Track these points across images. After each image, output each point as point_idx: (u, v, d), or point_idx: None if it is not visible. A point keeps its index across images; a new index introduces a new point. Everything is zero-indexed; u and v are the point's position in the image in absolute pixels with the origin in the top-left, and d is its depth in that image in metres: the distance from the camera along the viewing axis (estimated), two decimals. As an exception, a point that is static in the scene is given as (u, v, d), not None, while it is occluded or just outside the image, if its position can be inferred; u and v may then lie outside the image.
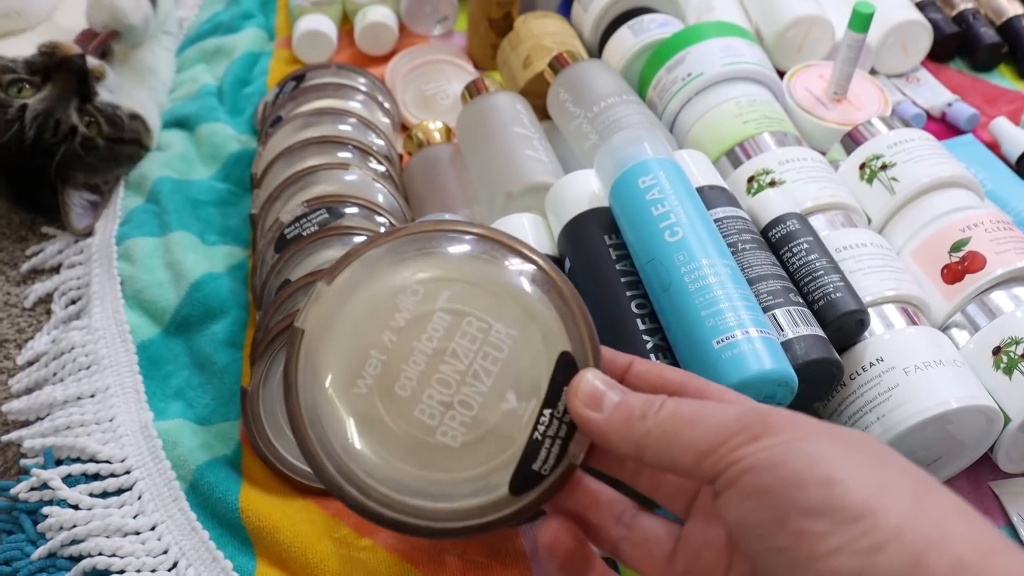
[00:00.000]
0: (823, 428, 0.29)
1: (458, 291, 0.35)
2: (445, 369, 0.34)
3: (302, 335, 0.35)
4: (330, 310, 0.35)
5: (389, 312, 0.35)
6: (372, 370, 0.34)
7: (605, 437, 0.32)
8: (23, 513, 0.55)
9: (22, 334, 0.67)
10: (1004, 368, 0.53)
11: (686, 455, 0.30)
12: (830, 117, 0.75)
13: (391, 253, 0.36)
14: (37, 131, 0.69)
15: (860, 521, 0.26)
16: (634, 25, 0.78)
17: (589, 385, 0.33)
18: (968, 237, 0.58)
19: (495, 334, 0.34)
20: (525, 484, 0.34)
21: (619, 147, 0.54)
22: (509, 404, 0.34)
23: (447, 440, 0.34)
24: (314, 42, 0.89)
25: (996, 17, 0.91)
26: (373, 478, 0.34)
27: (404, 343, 0.34)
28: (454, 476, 0.34)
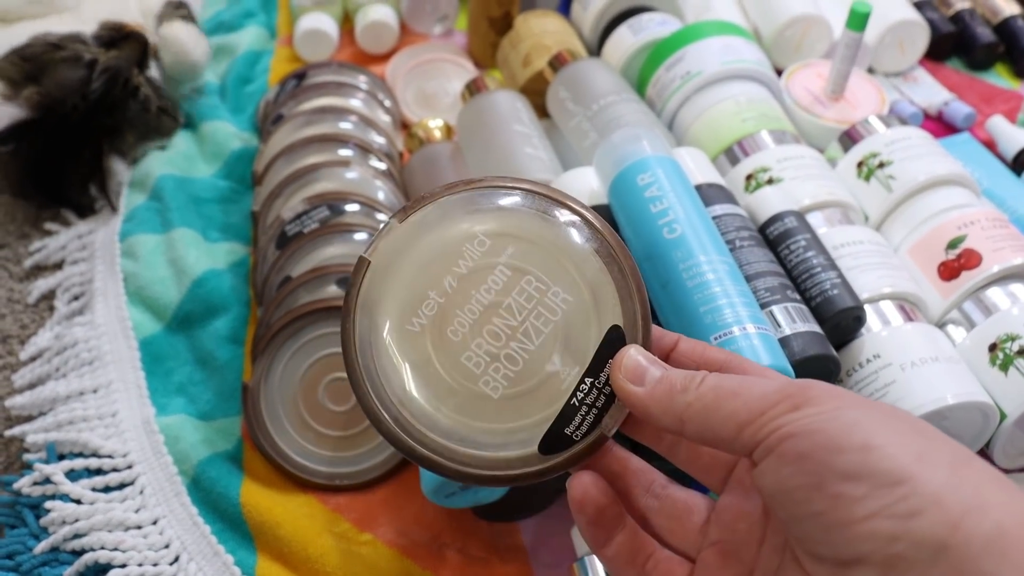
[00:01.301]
0: (863, 400, 0.29)
1: (523, 249, 0.35)
2: (498, 322, 0.35)
3: (368, 266, 0.35)
4: (398, 246, 0.36)
5: (454, 258, 0.35)
6: (428, 310, 0.35)
7: (646, 410, 0.32)
8: (26, 507, 0.55)
9: (25, 330, 0.68)
10: (1000, 364, 0.54)
11: (727, 426, 0.30)
12: (828, 115, 0.75)
13: (466, 202, 0.36)
14: (105, 84, 0.73)
15: (899, 486, 0.26)
16: (633, 24, 0.78)
17: (632, 360, 0.33)
18: (964, 235, 0.58)
19: (551, 296, 0.35)
20: (555, 446, 0.34)
21: (618, 145, 0.54)
22: (553, 366, 0.35)
23: (488, 390, 0.35)
24: (315, 40, 0.90)
25: (992, 16, 0.91)
26: (410, 412, 0.35)
27: (463, 290, 0.35)
28: (489, 425, 0.35)
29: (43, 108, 0.71)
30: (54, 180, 0.75)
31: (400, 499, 0.56)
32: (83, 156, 0.74)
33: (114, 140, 0.75)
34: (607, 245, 0.35)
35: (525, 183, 0.36)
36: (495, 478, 0.34)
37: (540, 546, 0.53)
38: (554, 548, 0.53)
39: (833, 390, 0.30)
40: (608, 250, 0.35)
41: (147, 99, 0.76)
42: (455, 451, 0.34)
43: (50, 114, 0.72)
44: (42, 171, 0.74)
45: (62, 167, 0.74)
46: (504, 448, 0.34)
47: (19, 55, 0.73)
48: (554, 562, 0.52)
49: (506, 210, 0.36)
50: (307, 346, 0.56)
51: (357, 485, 0.56)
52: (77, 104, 0.72)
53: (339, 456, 0.57)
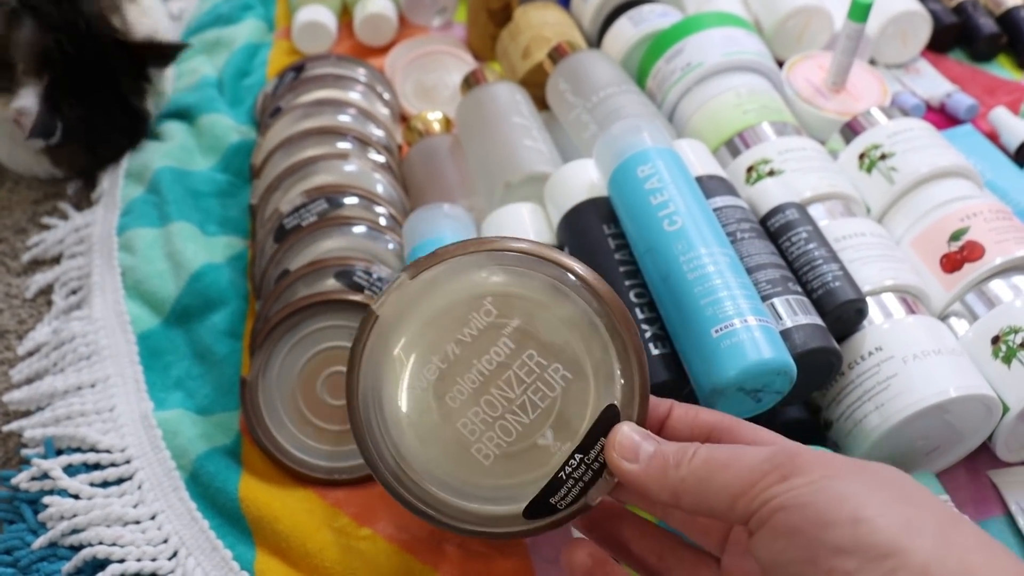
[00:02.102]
0: (851, 466, 0.30)
1: (529, 320, 0.36)
2: (495, 393, 0.36)
3: (376, 320, 0.36)
4: (407, 303, 0.37)
5: (459, 324, 0.36)
6: (430, 374, 0.36)
7: (642, 486, 0.33)
8: (24, 503, 0.55)
9: (23, 325, 0.67)
10: (1003, 357, 0.53)
11: (720, 498, 0.31)
12: (829, 107, 0.75)
13: (478, 265, 0.37)
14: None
15: (888, 559, 0.26)
16: (633, 15, 0.78)
17: (625, 438, 0.34)
18: (967, 226, 0.58)
19: (551, 372, 0.36)
20: (539, 512, 0.36)
21: (618, 136, 0.54)
22: (545, 440, 0.36)
23: (479, 457, 0.36)
24: (314, 33, 0.89)
25: (995, 7, 0.91)
26: (406, 464, 0.36)
27: (465, 358, 0.36)
28: (479, 480, 0.36)
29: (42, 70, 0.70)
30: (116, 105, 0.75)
31: (399, 493, 0.55)
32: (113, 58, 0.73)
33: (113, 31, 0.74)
34: (613, 320, 0.36)
35: (540, 249, 0.37)
36: (480, 533, 0.36)
37: (541, 541, 0.53)
38: (554, 543, 0.53)
39: (821, 457, 0.30)
40: (614, 325, 0.36)
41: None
42: (446, 503, 0.36)
43: (54, 66, 0.70)
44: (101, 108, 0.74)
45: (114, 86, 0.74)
46: (491, 503, 0.36)
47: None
48: (554, 557, 0.52)
49: (516, 277, 0.37)
50: (305, 340, 0.56)
51: (356, 480, 0.56)
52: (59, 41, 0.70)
53: (338, 451, 0.56)
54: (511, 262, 0.37)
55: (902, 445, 0.52)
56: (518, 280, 0.37)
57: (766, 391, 0.46)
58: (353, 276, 0.57)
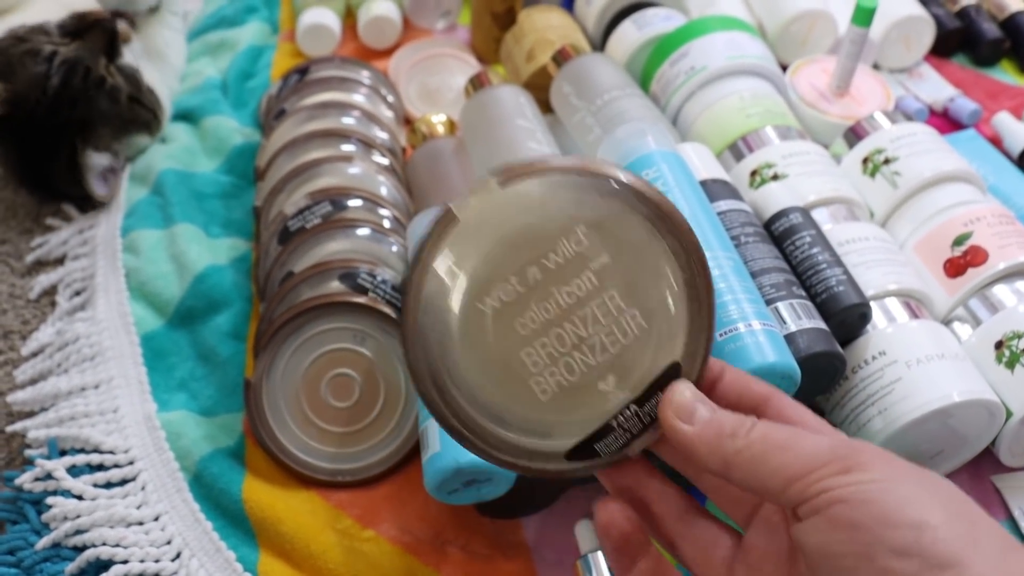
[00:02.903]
0: (914, 472, 0.29)
1: (617, 262, 0.34)
2: (568, 328, 0.34)
3: (455, 223, 0.33)
4: (492, 212, 0.34)
5: (546, 248, 0.34)
6: (504, 295, 0.34)
7: (693, 449, 0.32)
8: (27, 503, 0.55)
9: (27, 325, 0.67)
10: (1006, 362, 0.53)
11: (775, 478, 0.30)
12: (833, 111, 0.75)
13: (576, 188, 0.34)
14: (64, 76, 0.71)
15: (948, 569, 0.26)
16: (637, 19, 0.78)
17: (681, 396, 0.33)
18: (970, 231, 0.58)
19: (628, 318, 0.34)
20: (580, 455, 0.35)
21: (623, 140, 0.54)
22: (606, 385, 0.34)
23: (537, 391, 0.34)
24: (318, 36, 0.89)
25: (999, 12, 0.91)
26: (453, 380, 0.34)
27: (545, 285, 0.34)
28: (529, 415, 0.34)
29: (10, 105, 0.70)
30: (42, 177, 0.74)
31: (403, 495, 0.55)
32: (59, 152, 0.73)
33: (86, 135, 0.73)
34: (698, 280, 0.35)
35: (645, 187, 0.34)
36: (514, 465, 0.35)
37: (543, 543, 0.53)
38: (557, 545, 0.53)
39: (884, 456, 0.30)
40: (697, 285, 0.35)
41: (115, 89, 0.74)
42: (484, 429, 0.34)
43: (17, 110, 0.70)
44: (29, 168, 0.74)
45: (46, 162, 0.73)
46: (531, 436, 0.34)
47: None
48: (557, 559, 0.52)
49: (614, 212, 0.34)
50: (309, 342, 0.56)
51: (360, 481, 0.56)
52: (39, 99, 0.70)
53: (342, 452, 0.56)
54: (612, 192, 0.34)
55: (906, 449, 0.52)
56: (616, 214, 0.34)
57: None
58: (357, 278, 0.57)
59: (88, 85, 0.72)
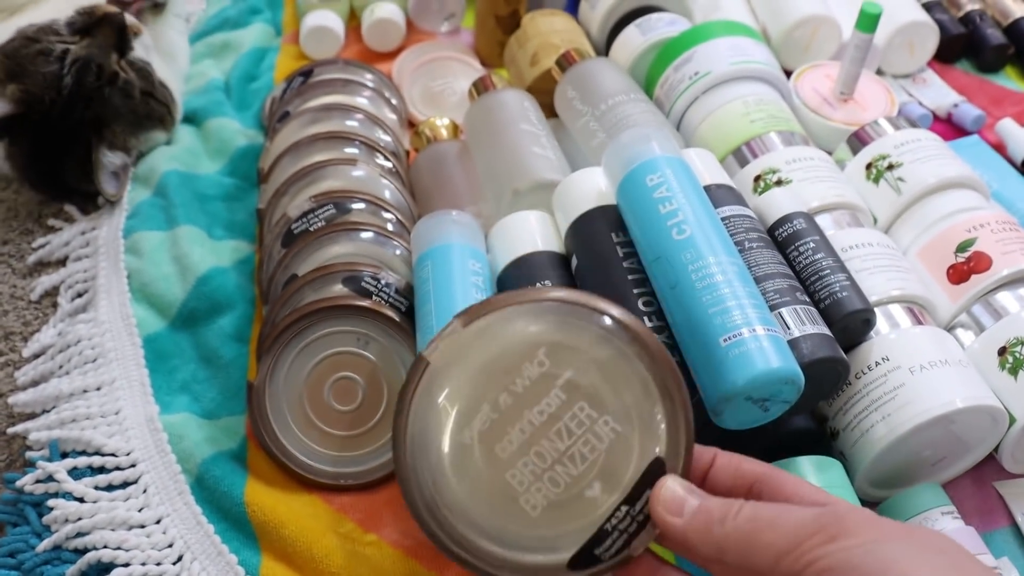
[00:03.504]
0: (900, 530, 0.30)
1: (581, 374, 0.36)
2: (546, 444, 0.36)
3: (427, 366, 0.37)
4: (458, 351, 0.37)
5: (511, 374, 0.36)
6: (481, 424, 0.37)
7: (686, 540, 0.34)
8: (28, 505, 0.55)
9: (28, 327, 0.67)
10: (1009, 368, 0.53)
11: (765, 556, 0.31)
12: (837, 117, 0.75)
13: (531, 315, 0.37)
14: (77, 75, 0.71)
15: None
16: (642, 23, 0.78)
17: (670, 492, 0.35)
18: (974, 238, 0.58)
19: (601, 425, 0.36)
20: (583, 563, 0.36)
21: (627, 145, 0.54)
22: (593, 492, 0.36)
23: (527, 508, 0.36)
24: (321, 38, 0.89)
25: (1003, 18, 0.91)
26: (452, 512, 0.37)
27: (516, 408, 0.36)
28: (523, 531, 0.36)
29: (24, 104, 0.71)
30: (53, 173, 0.74)
31: (405, 500, 0.55)
32: (73, 150, 0.73)
33: (100, 132, 0.74)
34: (664, 376, 0.36)
35: (594, 301, 0.37)
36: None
37: (545, 548, 0.53)
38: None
39: (870, 519, 0.30)
40: (664, 381, 0.36)
41: (128, 84, 0.74)
42: (489, 552, 0.36)
43: (31, 110, 0.71)
44: (41, 163, 0.74)
45: (58, 160, 0.73)
46: (534, 552, 0.36)
47: (2, 52, 0.73)
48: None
49: (569, 329, 0.37)
50: (313, 345, 0.56)
51: (362, 485, 0.56)
52: (54, 99, 0.71)
53: (344, 456, 0.56)
54: (565, 314, 0.37)
55: (908, 455, 0.52)
56: (571, 332, 0.37)
57: (774, 400, 0.46)
58: (361, 281, 0.57)
59: (101, 82, 0.72)
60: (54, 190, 0.76)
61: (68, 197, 0.76)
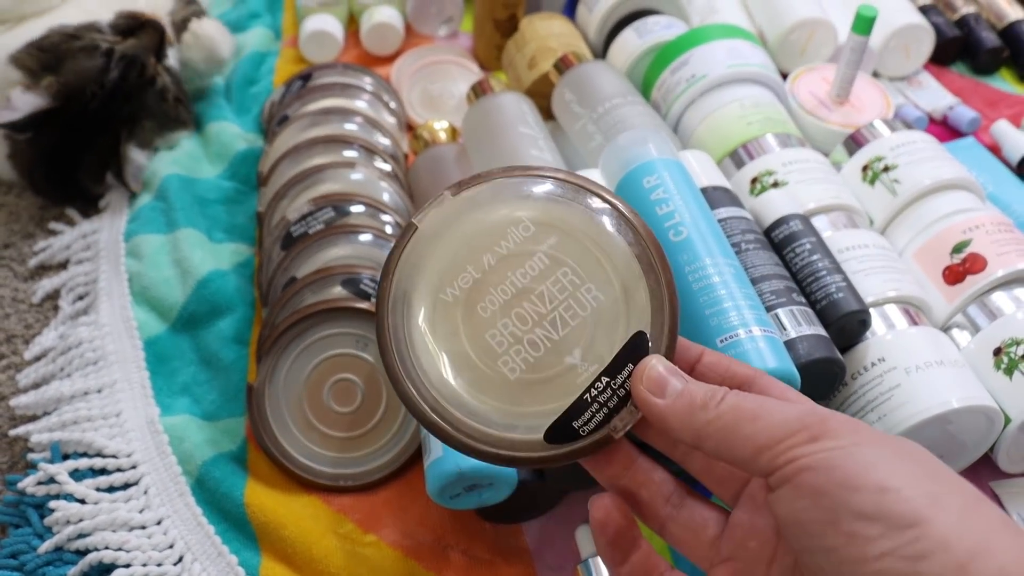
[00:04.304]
0: (880, 436, 0.30)
1: (566, 242, 0.36)
2: (527, 306, 0.36)
3: (415, 230, 0.37)
4: (446, 218, 0.37)
5: (497, 238, 0.36)
6: (463, 283, 0.36)
7: (665, 422, 0.33)
8: (30, 507, 0.55)
9: (29, 330, 0.68)
10: (1005, 369, 0.54)
11: (745, 448, 0.30)
12: (833, 119, 0.75)
13: (520, 187, 0.37)
14: (123, 71, 0.74)
15: (910, 529, 0.27)
16: (639, 27, 0.78)
17: (654, 370, 0.33)
18: (969, 239, 0.58)
19: (584, 292, 0.35)
20: (560, 436, 0.35)
21: (624, 147, 0.54)
22: (573, 359, 0.35)
23: (505, 370, 0.35)
24: (320, 42, 0.90)
25: (998, 21, 0.91)
26: (427, 376, 0.35)
27: (500, 270, 0.36)
28: (500, 405, 0.35)
29: (62, 97, 0.72)
30: (68, 169, 0.75)
31: (404, 500, 0.56)
32: (101, 144, 0.75)
33: (132, 129, 0.76)
34: (649, 254, 0.36)
35: (583, 180, 0.37)
36: (497, 456, 0.35)
37: (544, 548, 0.53)
38: (558, 550, 0.53)
39: (851, 423, 0.30)
40: (649, 259, 0.36)
41: (165, 88, 0.77)
42: (463, 422, 0.35)
43: (69, 103, 0.72)
44: (57, 160, 0.75)
45: (78, 156, 0.75)
46: (511, 430, 0.35)
47: (36, 46, 0.74)
48: (558, 564, 0.52)
49: (557, 202, 0.37)
50: (312, 347, 0.56)
51: (361, 486, 0.56)
52: (95, 92, 0.72)
53: (343, 457, 0.57)
54: (555, 188, 0.37)
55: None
56: (559, 205, 0.37)
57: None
58: (360, 284, 0.58)
59: (143, 80, 0.75)
60: (59, 191, 0.77)
61: (70, 200, 0.77)
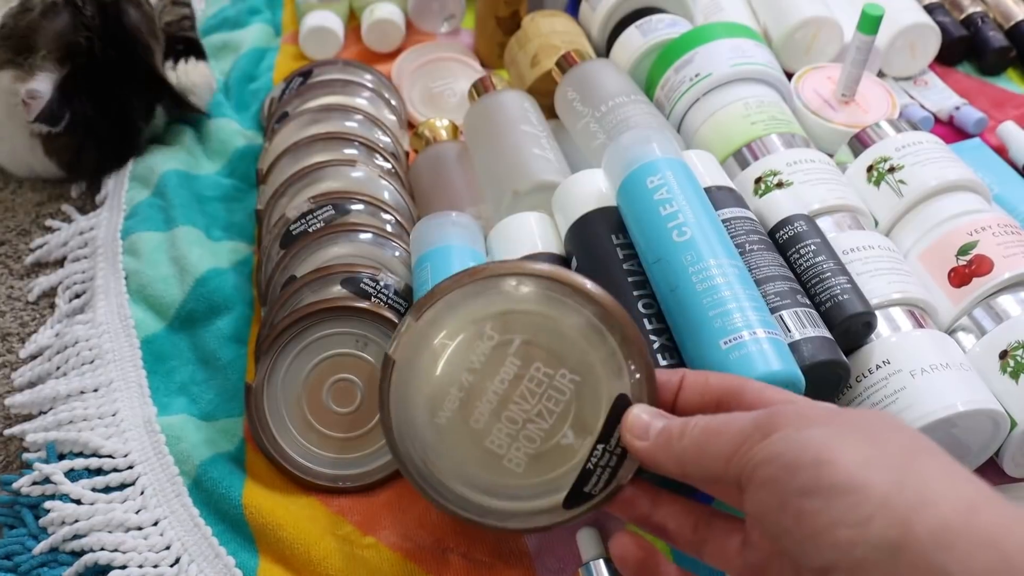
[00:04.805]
0: (825, 416, 0.31)
1: (530, 336, 0.39)
2: (513, 408, 0.39)
3: (393, 364, 0.41)
4: (416, 343, 0.40)
5: (466, 354, 0.40)
6: (451, 404, 0.40)
7: (654, 460, 0.36)
8: (25, 507, 0.54)
9: (25, 328, 0.67)
10: (1011, 372, 0.53)
11: (716, 463, 0.33)
12: (838, 119, 0.75)
13: (472, 295, 0.40)
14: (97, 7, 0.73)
15: (849, 495, 0.28)
16: (642, 25, 0.77)
17: (636, 419, 0.37)
18: (975, 241, 0.58)
19: (559, 379, 0.39)
20: (576, 501, 0.39)
21: (627, 146, 0.54)
22: (567, 439, 0.39)
23: (512, 466, 0.40)
24: (321, 38, 0.89)
25: (1005, 21, 0.91)
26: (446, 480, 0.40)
27: (479, 383, 0.40)
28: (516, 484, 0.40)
29: (68, 60, 0.71)
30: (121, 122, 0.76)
31: (404, 502, 0.55)
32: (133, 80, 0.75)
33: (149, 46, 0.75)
34: (608, 315, 0.39)
35: (529, 268, 0.40)
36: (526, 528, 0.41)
37: (545, 551, 0.53)
38: (559, 553, 0.53)
39: (796, 412, 0.32)
40: (610, 319, 0.39)
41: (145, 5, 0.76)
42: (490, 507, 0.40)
43: (76, 61, 0.71)
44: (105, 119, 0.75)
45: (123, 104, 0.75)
46: (531, 500, 0.40)
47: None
48: (559, 568, 0.52)
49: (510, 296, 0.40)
50: (311, 346, 0.56)
51: (360, 487, 0.56)
52: (89, 38, 0.71)
53: (342, 458, 0.56)
54: (503, 285, 0.40)
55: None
56: (513, 299, 0.40)
57: (774, 404, 0.46)
58: (360, 283, 0.57)
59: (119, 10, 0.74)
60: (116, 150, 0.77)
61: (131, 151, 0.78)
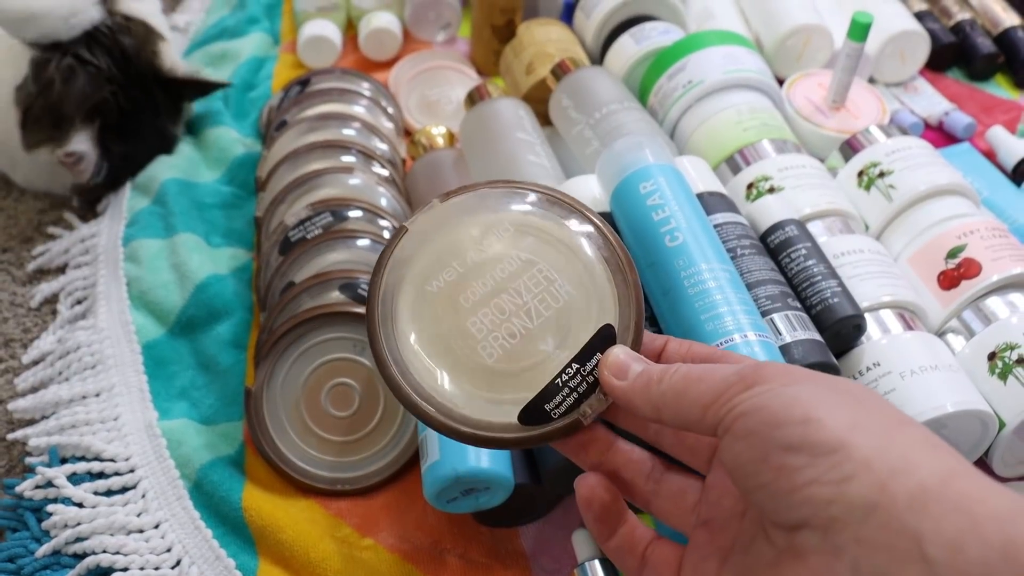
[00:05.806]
0: (810, 375, 0.32)
1: (541, 244, 0.40)
2: (505, 298, 0.39)
3: (405, 231, 0.40)
4: (434, 221, 0.41)
5: (479, 239, 0.40)
6: (447, 276, 0.39)
7: (628, 401, 0.36)
8: (28, 511, 0.55)
9: (28, 334, 0.68)
10: (999, 373, 0.54)
11: (694, 409, 0.33)
12: (829, 125, 0.75)
13: (502, 197, 0.41)
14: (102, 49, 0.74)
15: (833, 454, 0.28)
16: (636, 33, 0.78)
17: (616, 357, 0.37)
18: (964, 244, 0.58)
19: (557, 287, 0.39)
20: (534, 418, 0.38)
21: (621, 153, 0.55)
22: (546, 346, 0.38)
23: (484, 356, 0.38)
24: (319, 47, 0.90)
25: (993, 27, 0.92)
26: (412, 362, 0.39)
27: (481, 266, 0.40)
28: (478, 391, 0.38)
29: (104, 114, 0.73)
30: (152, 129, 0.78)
31: (402, 504, 0.56)
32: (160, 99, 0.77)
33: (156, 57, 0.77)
34: (617, 257, 0.39)
35: (558, 194, 0.41)
36: (475, 437, 0.38)
37: (541, 552, 0.53)
38: (555, 554, 0.53)
39: (783, 368, 0.32)
40: (618, 262, 0.39)
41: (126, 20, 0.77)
42: (444, 406, 0.38)
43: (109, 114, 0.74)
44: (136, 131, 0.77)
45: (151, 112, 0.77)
46: (486, 413, 0.38)
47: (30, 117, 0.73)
48: (555, 568, 0.53)
49: (535, 211, 0.41)
50: (310, 351, 0.57)
51: (359, 490, 0.56)
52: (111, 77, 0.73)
53: (341, 461, 0.57)
54: (532, 199, 0.41)
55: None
56: (535, 214, 0.40)
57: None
58: (357, 288, 0.58)
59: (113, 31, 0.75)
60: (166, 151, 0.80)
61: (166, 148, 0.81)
